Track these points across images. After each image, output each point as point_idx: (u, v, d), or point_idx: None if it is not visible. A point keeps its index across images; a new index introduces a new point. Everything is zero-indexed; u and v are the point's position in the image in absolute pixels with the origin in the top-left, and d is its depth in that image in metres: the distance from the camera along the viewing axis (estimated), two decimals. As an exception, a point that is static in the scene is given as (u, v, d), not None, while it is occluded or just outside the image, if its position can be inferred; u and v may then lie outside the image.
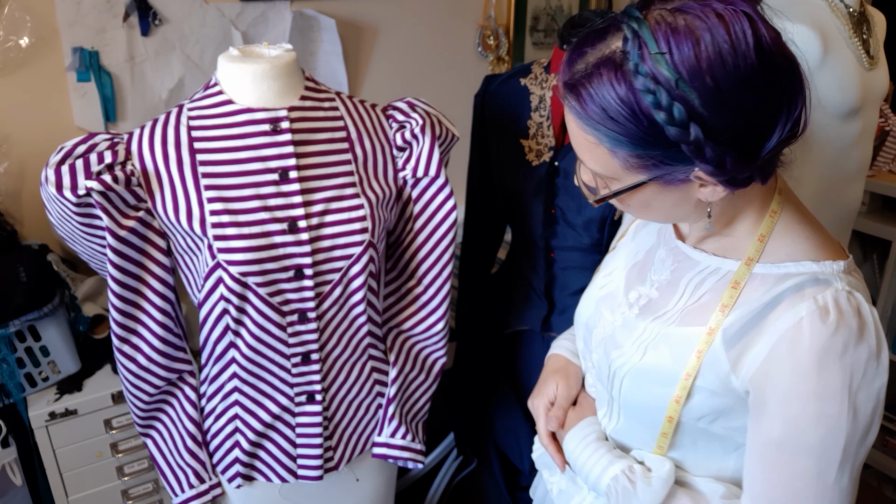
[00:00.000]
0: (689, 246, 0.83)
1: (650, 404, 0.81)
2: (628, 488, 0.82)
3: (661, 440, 0.82)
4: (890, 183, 2.19)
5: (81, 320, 1.53)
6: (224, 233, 1.01)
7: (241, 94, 1.05)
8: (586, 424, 0.92)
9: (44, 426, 1.42)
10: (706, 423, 0.79)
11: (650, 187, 0.72)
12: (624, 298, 0.88)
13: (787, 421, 0.71)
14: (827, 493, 0.71)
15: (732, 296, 0.76)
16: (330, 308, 1.10)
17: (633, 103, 0.64)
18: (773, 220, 0.77)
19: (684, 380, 0.77)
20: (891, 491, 2.38)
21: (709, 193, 0.71)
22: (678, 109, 0.63)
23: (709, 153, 0.65)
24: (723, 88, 0.63)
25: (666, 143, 0.65)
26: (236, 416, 1.13)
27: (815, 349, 0.69)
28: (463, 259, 1.60)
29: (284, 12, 1.86)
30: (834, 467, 0.71)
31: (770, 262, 0.76)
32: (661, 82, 0.63)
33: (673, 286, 0.83)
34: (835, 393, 0.69)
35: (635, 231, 0.96)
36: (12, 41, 1.53)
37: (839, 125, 1.43)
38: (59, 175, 0.97)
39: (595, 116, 0.67)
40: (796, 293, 0.72)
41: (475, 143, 1.49)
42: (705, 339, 0.76)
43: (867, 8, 1.47)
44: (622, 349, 0.84)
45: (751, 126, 0.65)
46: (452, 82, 2.23)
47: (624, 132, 0.66)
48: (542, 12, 2.33)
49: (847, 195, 1.56)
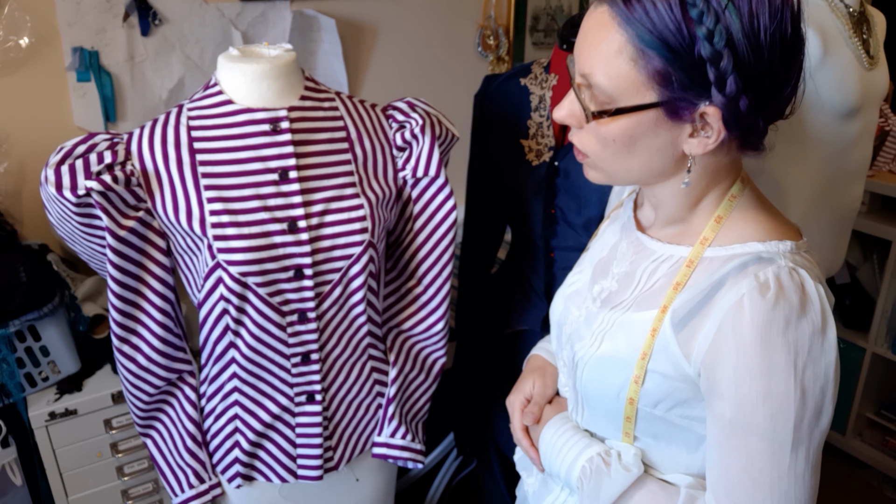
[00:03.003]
0: (646, 236, 0.85)
1: (609, 392, 0.82)
2: (602, 468, 0.83)
3: (626, 426, 0.83)
4: (890, 183, 2.19)
5: (81, 320, 1.53)
6: (224, 233, 1.01)
7: (241, 94, 1.05)
8: (562, 417, 0.93)
9: (44, 426, 1.42)
10: (663, 410, 0.79)
11: (652, 115, 0.71)
12: (588, 293, 0.90)
13: (736, 401, 0.71)
14: (783, 477, 0.71)
15: (686, 274, 0.77)
16: (330, 308, 1.10)
17: (680, 13, 0.66)
18: (732, 204, 0.78)
19: (640, 359, 0.78)
20: (891, 491, 2.38)
21: (696, 145, 0.72)
22: (720, 31, 0.66)
23: (730, 85, 0.67)
24: (762, 32, 0.66)
25: (695, 62, 0.67)
26: (236, 416, 1.13)
27: (756, 324, 0.69)
28: (463, 259, 1.60)
29: (284, 12, 1.86)
30: (787, 449, 0.70)
31: (719, 244, 0.77)
32: (713, 3, 0.66)
33: (630, 276, 0.84)
34: (780, 369, 0.69)
35: (603, 229, 0.97)
36: (12, 41, 1.53)
37: (839, 125, 1.43)
38: (58, 175, 0.97)
39: (637, 15, 0.68)
40: (740, 272, 0.72)
41: (475, 143, 1.49)
42: (658, 316, 0.77)
43: (867, 8, 1.47)
44: (583, 341, 0.86)
45: (771, 77, 0.68)
46: (452, 82, 2.23)
47: (661, 35, 0.67)
48: (542, 12, 2.33)
49: (847, 195, 1.56)
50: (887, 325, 2.28)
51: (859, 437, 2.47)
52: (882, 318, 2.27)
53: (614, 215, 0.98)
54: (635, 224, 0.88)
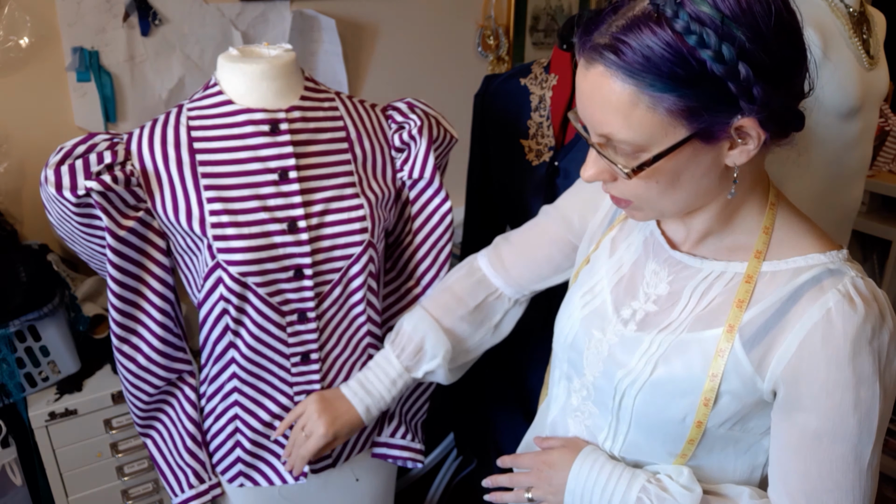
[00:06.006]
0: (685, 254, 0.81)
1: (673, 417, 0.79)
2: (662, 495, 0.80)
3: (687, 448, 0.81)
4: (890, 183, 2.19)
5: (81, 320, 1.53)
6: (224, 233, 1.01)
7: (241, 94, 1.05)
8: (591, 450, 0.88)
9: (44, 426, 1.42)
10: (727, 428, 0.78)
11: (689, 148, 0.69)
12: (615, 316, 0.85)
13: (824, 412, 0.72)
14: (863, 475, 0.73)
15: (748, 290, 0.76)
16: (329, 308, 1.10)
17: (679, 45, 0.64)
18: (774, 213, 0.78)
19: (710, 380, 0.76)
20: (891, 491, 2.38)
21: (738, 155, 0.70)
22: (727, 48, 0.63)
23: (757, 92, 0.65)
24: (763, 27, 0.64)
25: (713, 82, 0.65)
26: (237, 417, 1.13)
27: (850, 337, 0.70)
28: (463, 259, 1.60)
29: (284, 12, 1.86)
30: (868, 449, 0.72)
31: (776, 258, 0.76)
32: (707, 22, 0.63)
33: (674, 297, 0.81)
34: (867, 377, 0.70)
35: (612, 245, 0.91)
36: (12, 41, 1.53)
37: (839, 125, 1.43)
38: (58, 175, 0.97)
39: (638, 65, 0.65)
40: (815, 286, 0.72)
41: (475, 143, 1.49)
42: (726, 336, 0.75)
43: (867, 8, 1.47)
44: (627, 367, 0.82)
45: (789, 68, 0.67)
46: (452, 82, 2.23)
47: (670, 75, 0.64)
48: (542, 12, 2.33)
49: (847, 195, 1.56)
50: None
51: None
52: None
53: (624, 229, 0.92)
54: (666, 241, 0.84)
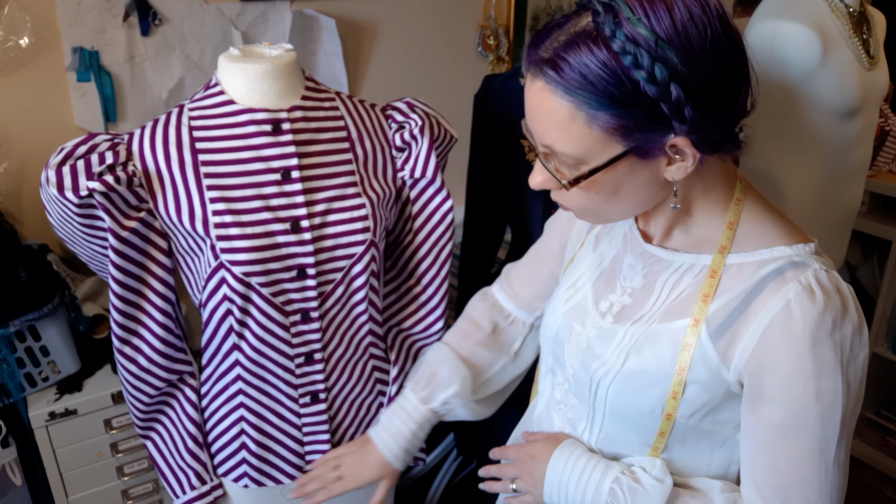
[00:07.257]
0: (657, 247, 0.83)
1: (642, 408, 0.81)
2: (634, 486, 0.81)
3: (658, 440, 0.82)
4: (890, 183, 2.19)
5: (81, 320, 1.53)
6: (227, 233, 1.01)
7: (242, 94, 1.05)
8: (569, 443, 0.90)
9: (44, 426, 1.42)
10: (697, 419, 0.79)
11: (626, 163, 0.71)
12: (594, 309, 0.87)
13: (787, 404, 0.72)
14: (829, 469, 0.73)
15: (712, 284, 0.77)
16: (332, 307, 1.10)
17: (614, 65, 0.66)
18: (739, 208, 0.79)
19: (678, 374, 0.77)
20: (891, 491, 2.38)
21: (675, 171, 0.72)
22: (659, 69, 0.65)
23: (688, 113, 0.66)
24: (697, 50, 0.65)
25: (647, 102, 0.67)
26: (242, 418, 1.13)
27: (808, 328, 0.70)
28: (463, 259, 1.60)
29: (284, 12, 1.86)
30: (833, 443, 0.73)
31: (743, 250, 0.77)
32: (641, 43, 0.65)
33: (648, 289, 0.83)
34: (829, 370, 0.71)
35: (595, 241, 0.94)
36: (12, 41, 1.53)
37: (839, 125, 1.43)
38: (60, 176, 0.97)
39: (575, 82, 0.67)
40: (777, 277, 0.73)
41: (475, 143, 1.49)
42: (692, 330, 0.77)
43: (867, 8, 1.47)
44: (602, 358, 0.83)
45: (722, 88, 0.68)
46: (452, 82, 2.23)
47: (605, 94, 0.67)
48: (542, 12, 2.33)
49: (847, 195, 1.56)
50: (887, 326, 2.28)
51: (859, 436, 2.47)
52: (882, 318, 2.27)
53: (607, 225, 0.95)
54: (641, 236, 0.86)
